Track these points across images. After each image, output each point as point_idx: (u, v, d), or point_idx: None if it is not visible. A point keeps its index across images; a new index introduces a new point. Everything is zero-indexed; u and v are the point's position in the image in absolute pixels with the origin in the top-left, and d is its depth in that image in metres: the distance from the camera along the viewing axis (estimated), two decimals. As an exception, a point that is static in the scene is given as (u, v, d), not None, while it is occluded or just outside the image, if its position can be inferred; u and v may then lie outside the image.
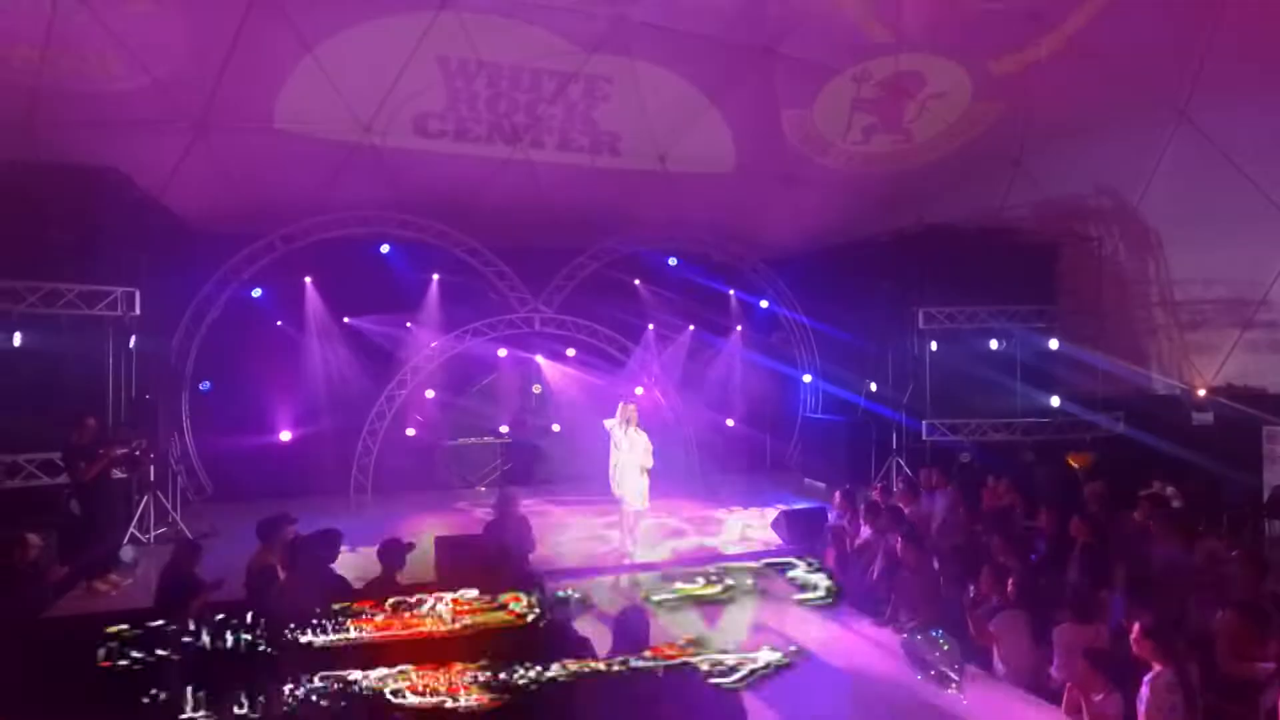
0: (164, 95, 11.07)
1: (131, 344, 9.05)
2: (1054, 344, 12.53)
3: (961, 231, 13.28)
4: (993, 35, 11.53)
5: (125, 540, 8.74)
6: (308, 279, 12.99)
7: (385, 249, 13.37)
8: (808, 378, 15.77)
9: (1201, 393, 13.39)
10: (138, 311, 9.08)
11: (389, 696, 3.57)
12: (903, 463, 12.85)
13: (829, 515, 9.40)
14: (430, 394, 13.72)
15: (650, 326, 15.00)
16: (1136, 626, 4.61)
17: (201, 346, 12.62)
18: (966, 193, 14.66)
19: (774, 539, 9.72)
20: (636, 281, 14.97)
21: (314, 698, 3.50)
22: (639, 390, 14.93)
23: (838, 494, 8.94)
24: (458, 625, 3.93)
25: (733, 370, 15.74)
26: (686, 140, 13.66)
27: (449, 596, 3.95)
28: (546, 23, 11.34)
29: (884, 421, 13.36)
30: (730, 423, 15.82)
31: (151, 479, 9.34)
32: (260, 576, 5.76)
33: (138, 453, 8.19)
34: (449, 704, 3.59)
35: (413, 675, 3.67)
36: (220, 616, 3.77)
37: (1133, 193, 13.34)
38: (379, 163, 12.93)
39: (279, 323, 12.92)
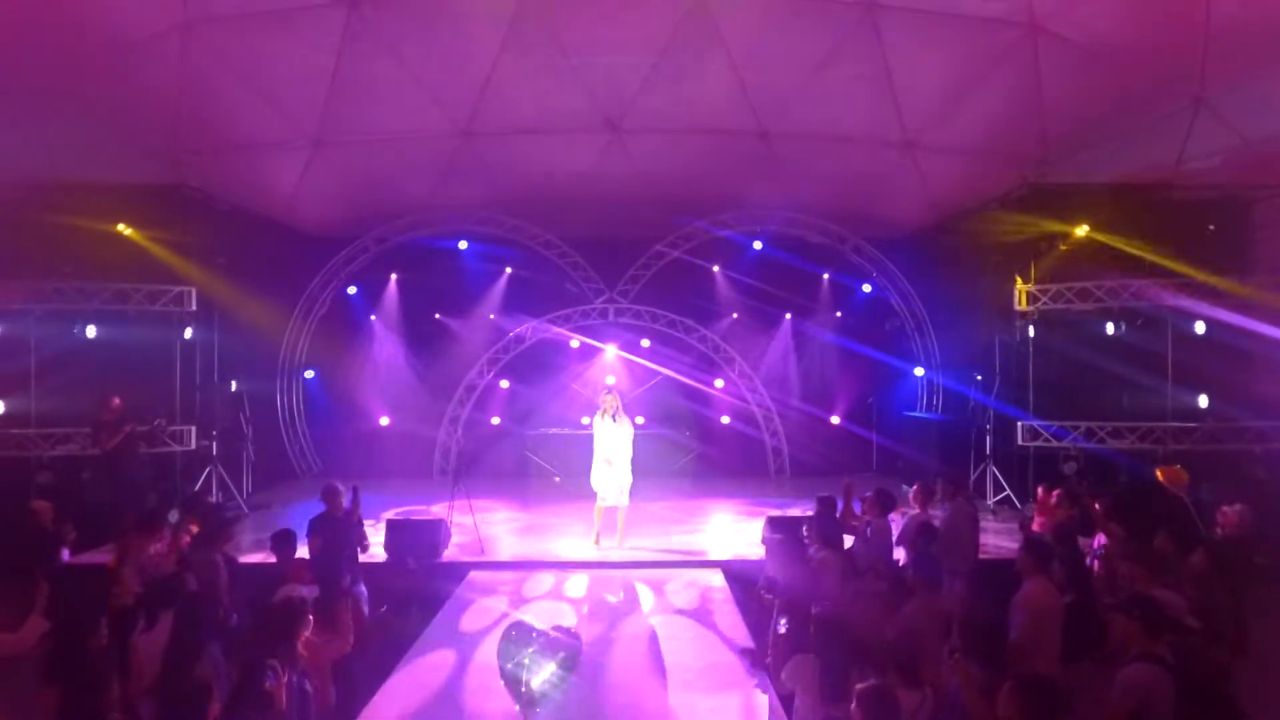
0: (282, 117, 12.51)
1: (188, 335, 10.42)
2: (1200, 328, 9.69)
3: (1082, 190, 10.79)
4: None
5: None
6: (393, 276, 14.01)
7: (463, 245, 14.00)
8: (919, 370, 13.80)
9: None
10: (194, 307, 10.42)
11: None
12: (996, 470, 10.76)
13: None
14: (505, 384, 14.12)
15: (734, 315, 14.11)
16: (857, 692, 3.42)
17: (311, 339, 14.17)
18: (1131, 143, 11.91)
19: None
20: (715, 268, 14.13)
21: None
22: (719, 383, 14.15)
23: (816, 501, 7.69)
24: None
25: (832, 362, 14.28)
26: (791, 110, 12.55)
27: None
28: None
29: (985, 421, 11.29)
30: (835, 420, 14.38)
31: (215, 453, 10.71)
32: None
33: (155, 429, 9.40)
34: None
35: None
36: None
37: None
38: (475, 162, 13.50)
39: (372, 317, 14.09)
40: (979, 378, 11.63)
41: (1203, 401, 9.75)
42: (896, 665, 3.90)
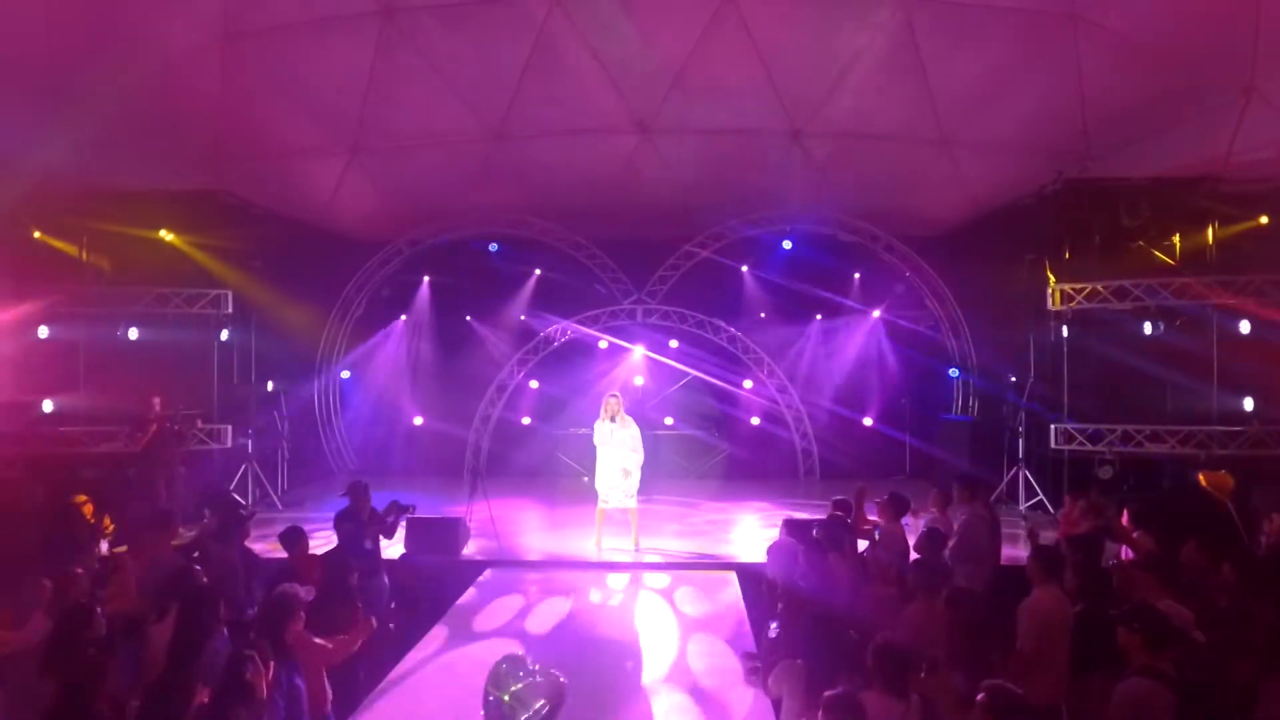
0: (320, 124, 12.81)
1: (224, 336, 10.78)
2: (1246, 327, 9.25)
3: (1124, 185, 10.40)
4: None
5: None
6: (425, 278, 14.25)
7: (494, 247, 14.17)
8: (954, 371, 13.48)
9: None
10: (230, 310, 10.75)
11: None
12: (1029, 474, 10.45)
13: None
14: (534, 384, 14.24)
15: (762, 315, 13.98)
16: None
17: (347, 340, 14.49)
18: (1177, 135, 11.44)
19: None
20: (744, 268, 14.02)
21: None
22: (748, 384, 14.03)
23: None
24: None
25: (864, 363, 14.05)
26: (823, 109, 12.36)
27: None
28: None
29: (1017, 423, 10.96)
30: (868, 422, 14.13)
31: (250, 452, 11.03)
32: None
33: (175, 427, 9.66)
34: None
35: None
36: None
37: None
38: (506, 165, 13.63)
39: (402, 318, 14.35)
40: (1013, 379, 11.31)
41: (1248, 404, 9.31)
42: (880, 673, 3.79)
